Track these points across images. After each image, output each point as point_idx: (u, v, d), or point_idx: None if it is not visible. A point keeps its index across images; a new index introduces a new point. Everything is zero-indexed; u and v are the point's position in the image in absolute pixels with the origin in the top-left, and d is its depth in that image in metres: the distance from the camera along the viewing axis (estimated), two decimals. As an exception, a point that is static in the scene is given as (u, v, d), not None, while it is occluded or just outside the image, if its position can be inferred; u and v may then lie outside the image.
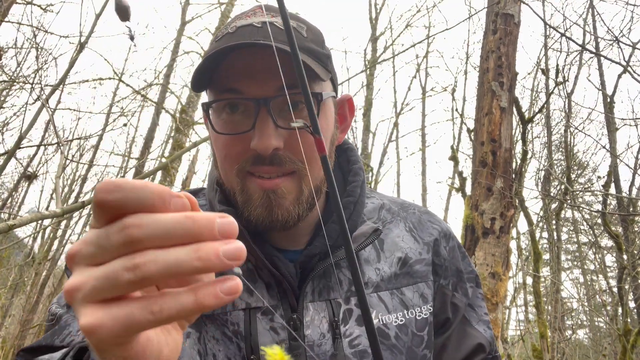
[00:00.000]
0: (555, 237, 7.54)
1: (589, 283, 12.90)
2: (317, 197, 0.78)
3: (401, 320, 0.78)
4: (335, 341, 0.73)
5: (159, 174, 7.26)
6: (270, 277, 0.76)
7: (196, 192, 0.92)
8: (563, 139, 7.67)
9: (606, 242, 10.52)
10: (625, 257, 5.83)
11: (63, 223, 11.06)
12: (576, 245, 13.55)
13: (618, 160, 6.25)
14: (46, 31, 4.40)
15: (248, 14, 0.77)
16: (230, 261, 0.34)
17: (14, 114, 8.13)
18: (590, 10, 6.69)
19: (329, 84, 0.80)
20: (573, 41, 3.61)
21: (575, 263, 14.74)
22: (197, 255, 0.34)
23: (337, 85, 0.85)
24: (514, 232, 7.70)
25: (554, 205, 7.68)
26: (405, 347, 0.77)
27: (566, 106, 7.00)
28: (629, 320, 5.49)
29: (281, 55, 0.62)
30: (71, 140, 9.43)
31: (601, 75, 6.90)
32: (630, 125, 6.52)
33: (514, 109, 4.44)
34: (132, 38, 0.73)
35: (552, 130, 7.86)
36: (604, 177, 6.65)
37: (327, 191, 0.83)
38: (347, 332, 0.74)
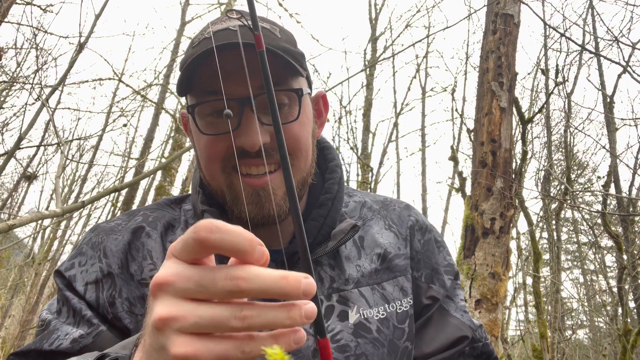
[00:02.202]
0: (555, 237, 7.54)
1: (589, 283, 12.89)
2: (304, 189, 0.82)
3: (382, 314, 0.80)
4: (316, 336, 0.73)
5: (159, 173, 7.25)
6: None
7: (183, 199, 0.94)
8: (563, 139, 7.67)
9: (606, 242, 10.51)
10: (625, 257, 5.83)
11: (63, 223, 11.07)
12: (576, 245, 13.54)
13: (618, 160, 6.25)
14: (46, 31, 4.40)
15: (223, 19, 0.79)
16: (307, 320, 0.42)
17: (14, 114, 8.14)
18: (589, 10, 6.70)
19: (305, 81, 0.83)
20: (573, 41, 3.61)
21: (575, 263, 14.74)
22: (288, 315, 0.41)
23: (312, 84, 0.88)
24: (514, 232, 7.70)
25: (553, 206, 7.68)
26: (387, 340, 0.79)
27: (566, 106, 7.00)
28: (629, 320, 5.49)
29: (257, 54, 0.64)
30: (71, 141, 9.43)
31: (601, 75, 6.90)
32: (630, 125, 6.52)
33: (514, 109, 4.44)
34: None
35: (552, 130, 7.86)
36: (603, 177, 6.66)
37: (312, 183, 0.86)
38: (329, 327, 0.76)
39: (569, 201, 6.29)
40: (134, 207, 8.32)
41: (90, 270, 0.78)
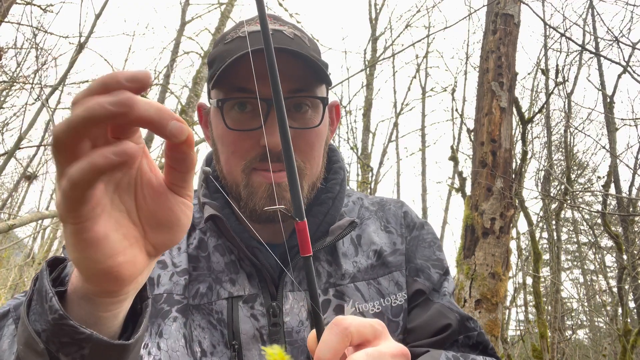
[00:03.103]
0: (555, 237, 7.53)
1: (589, 283, 12.89)
2: (312, 192, 0.85)
3: (378, 309, 0.82)
4: (313, 328, 0.76)
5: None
6: (251, 268, 0.81)
7: None
8: (563, 139, 7.67)
9: (606, 242, 10.51)
10: (625, 257, 5.83)
11: (63, 223, 11.04)
12: (576, 245, 13.54)
13: (618, 160, 6.25)
14: (46, 31, 4.40)
15: (256, 20, 0.82)
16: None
17: (14, 114, 8.13)
18: (590, 10, 6.69)
19: (325, 90, 0.86)
20: (573, 41, 3.61)
21: (575, 263, 14.73)
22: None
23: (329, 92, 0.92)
24: (514, 232, 7.69)
25: (553, 206, 7.67)
26: None
27: (566, 106, 7.00)
28: (629, 320, 5.49)
29: (293, 59, 0.73)
30: (71, 141, 9.40)
31: (601, 75, 6.90)
32: (630, 125, 6.52)
33: (514, 109, 4.44)
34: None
35: (552, 130, 7.85)
36: (603, 177, 6.65)
37: (320, 186, 0.89)
38: (326, 320, 0.77)
39: (569, 201, 6.29)
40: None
41: None
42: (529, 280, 8.78)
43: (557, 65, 6.26)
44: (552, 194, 7.71)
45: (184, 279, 0.78)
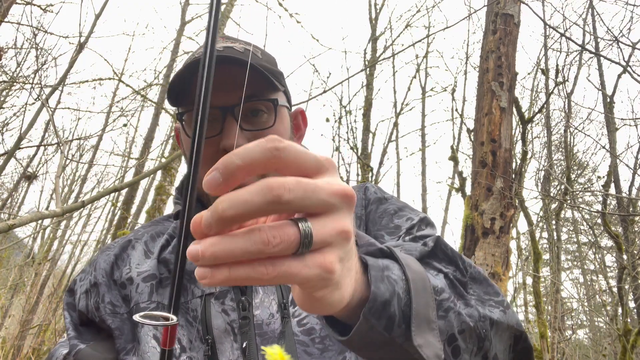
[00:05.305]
0: (555, 237, 7.53)
1: (589, 283, 12.90)
2: None
3: None
4: (283, 320, 0.80)
5: (159, 173, 7.25)
6: None
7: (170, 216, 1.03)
8: (563, 139, 7.67)
9: (606, 242, 10.52)
10: (625, 257, 5.83)
11: (63, 223, 11.07)
12: (576, 245, 13.54)
13: (618, 160, 6.25)
14: (46, 31, 4.40)
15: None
16: None
17: (14, 114, 8.14)
18: (590, 10, 6.70)
19: (283, 96, 0.91)
20: (573, 41, 3.61)
21: (575, 263, 14.74)
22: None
23: (291, 101, 0.97)
24: (514, 232, 7.70)
25: (553, 206, 7.68)
26: None
27: (566, 106, 7.01)
28: (629, 320, 5.49)
29: (244, 69, 0.80)
30: (71, 140, 9.42)
31: (601, 75, 6.90)
32: (630, 125, 6.53)
33: (514, 109, 4.44)
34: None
35: (552, 130, 7.86)
36: (603, 177, 6.66)
37: None
38: (296, 312, 0.81)
39: (569, 201, 6.29)
40: (134, 207, 8.31)
41: (85, 283, 0.90)
42: (529, 280, 8.79)
43: (557, 65, 6.27)
44: (552, 194, 7.72)
45: (149, 285, 0.85)
